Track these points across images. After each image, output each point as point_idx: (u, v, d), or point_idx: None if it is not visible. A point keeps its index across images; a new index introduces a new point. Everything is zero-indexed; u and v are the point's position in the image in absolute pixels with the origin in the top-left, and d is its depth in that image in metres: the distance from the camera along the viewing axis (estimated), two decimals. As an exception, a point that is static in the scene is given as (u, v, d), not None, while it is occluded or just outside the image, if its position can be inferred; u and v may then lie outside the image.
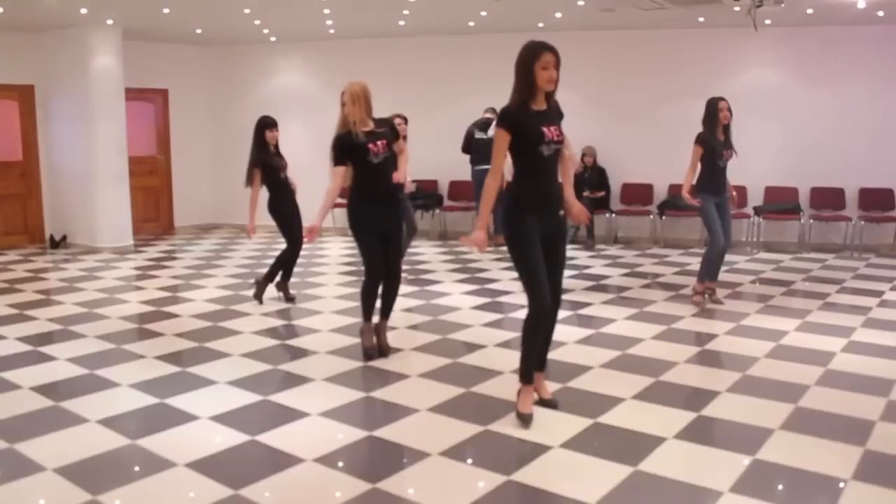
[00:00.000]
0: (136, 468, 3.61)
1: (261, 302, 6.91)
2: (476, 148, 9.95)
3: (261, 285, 6.98)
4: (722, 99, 6.54)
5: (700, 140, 6.48)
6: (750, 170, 10.05)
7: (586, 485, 3.39)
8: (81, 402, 4.46)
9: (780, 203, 9.82)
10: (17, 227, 10.58)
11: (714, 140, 6.47)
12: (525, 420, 4.05)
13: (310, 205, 7.49)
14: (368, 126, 5.05)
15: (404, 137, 5.95)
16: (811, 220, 9.77)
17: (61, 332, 6.03)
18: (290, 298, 7.00)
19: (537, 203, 3.96)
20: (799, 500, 3.28)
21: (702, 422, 4.13)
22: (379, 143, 5.03)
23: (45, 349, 5.56)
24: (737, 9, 8.10)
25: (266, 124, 6.81)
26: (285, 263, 6.96)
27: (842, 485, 3.38)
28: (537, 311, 3.96)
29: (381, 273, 5.18)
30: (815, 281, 7.91)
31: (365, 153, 4.98)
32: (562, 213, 4.10)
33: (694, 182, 6.56)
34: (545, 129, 3.90)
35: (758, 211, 9.80)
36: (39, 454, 3.72)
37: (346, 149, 5.00)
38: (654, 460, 3.63)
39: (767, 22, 9.16)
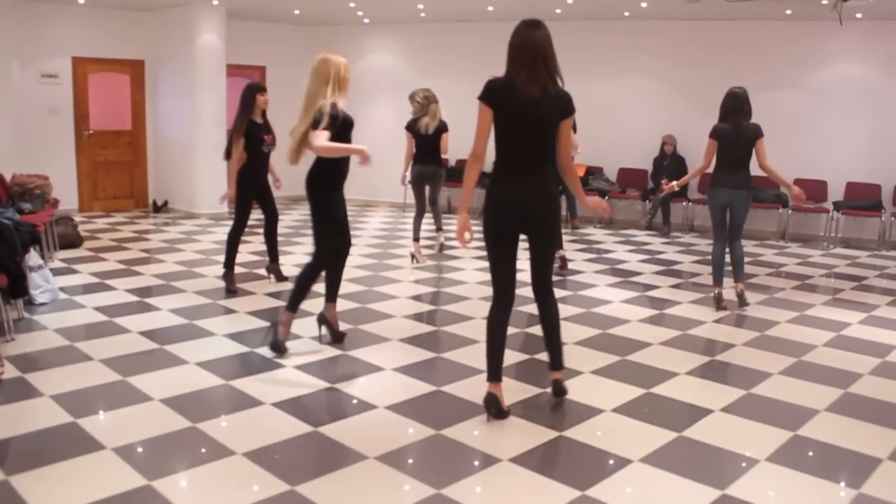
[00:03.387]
0: (230, 404, 4.09)
1: (235, 291, 6.48)
2: None
3: (227, 274, 6.60)
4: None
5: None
6: (831, 164, 10.02)
7: (631, 444, 3.69)
8: (182, 346, 4.99)
9: (861, 199, 9.72)
10: (124, 191, 11.41)
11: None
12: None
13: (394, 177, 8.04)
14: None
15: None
16: (893, 218, 9.65)
17: (164, 287, 6.63)
18: (283, 278, 6.84)
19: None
20: (831, 473, 3.47)
21: (750, 398, 4.35)
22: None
23: (150, 300, 6.15)
24: (824, 2, 8.10)
25: (258, 88, 6.52)
26: (235, 243, 6.58)
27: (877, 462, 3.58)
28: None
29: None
30: (890, 278, 7.89)
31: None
32: None
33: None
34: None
35: (837, 206, 9.73)
36: (147, 386, 4.25)
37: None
38: (698, 428, 3.90)
39: (858, 16, 9.07)
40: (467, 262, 7.99)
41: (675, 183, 6.47)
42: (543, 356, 4.94)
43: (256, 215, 6.83)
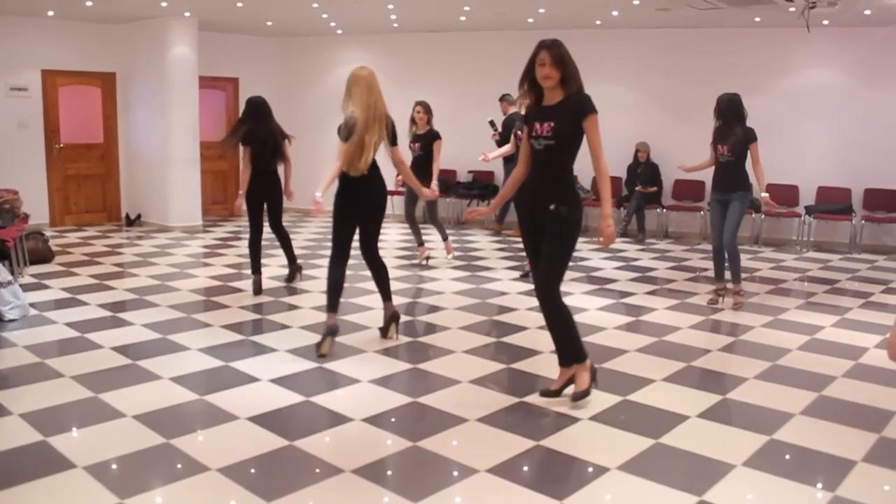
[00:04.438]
0: (204, 419, 4.04)
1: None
2: None
3: (297, 270, 7.48)
4: None
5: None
6: (802, 169, 10.14)
7: (608, 452, 3.68)
8: (155, 361, 4.93)
9: (833, 203, 9.84)
10: (96, 205, 11.29)
11: None
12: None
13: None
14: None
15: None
16: (863, 221, 9.78)
17: (137, 301, 6.55)
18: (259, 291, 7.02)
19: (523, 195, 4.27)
20: (808, 476, 3.49)
21: (726, 404, 4.37)
22: None
23: (123, 315, 6.07)
24: (792, 9, 8.20)
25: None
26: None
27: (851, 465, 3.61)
28: None
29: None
30: (861, 281, 7.99)
31: None
32: (553, 206, 4.06)
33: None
34: (536, 124, 4.09)
35: (809, 210, 9.85)
36: (120, 403, 4.19)
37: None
38: (674, 435, 3.91)
39: (825, 22, 9.21)
40: (443, 271, 7.99)
41: (767, 195, 6.50)
42: (520, 365, 4.99)
43: (233, 226, 6.76)
